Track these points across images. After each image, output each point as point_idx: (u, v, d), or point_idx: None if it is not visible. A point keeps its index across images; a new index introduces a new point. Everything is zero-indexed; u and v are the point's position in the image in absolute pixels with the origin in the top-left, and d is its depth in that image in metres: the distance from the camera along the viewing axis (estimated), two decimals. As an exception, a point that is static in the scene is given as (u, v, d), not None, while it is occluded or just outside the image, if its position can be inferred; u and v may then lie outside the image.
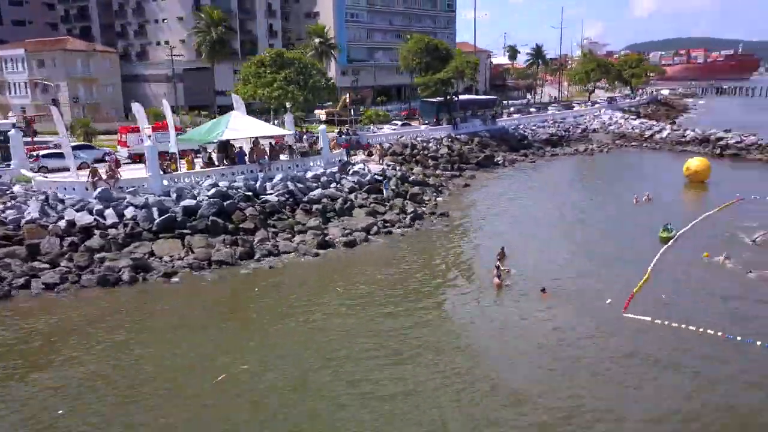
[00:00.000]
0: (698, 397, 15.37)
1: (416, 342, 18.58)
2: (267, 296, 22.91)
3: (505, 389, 15.77)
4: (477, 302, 21.96)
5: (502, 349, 18.22)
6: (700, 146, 58.22)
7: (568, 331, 19.21)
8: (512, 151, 57.03)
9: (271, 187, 32.81)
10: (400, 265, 26.20)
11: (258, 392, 15.89)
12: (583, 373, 16.54)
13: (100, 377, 16.64)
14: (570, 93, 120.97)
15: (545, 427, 14.14)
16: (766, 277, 22.87)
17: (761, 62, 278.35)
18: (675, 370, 16.70)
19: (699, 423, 14.33)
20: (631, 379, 16.18)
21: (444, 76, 57.01)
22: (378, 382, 16.17)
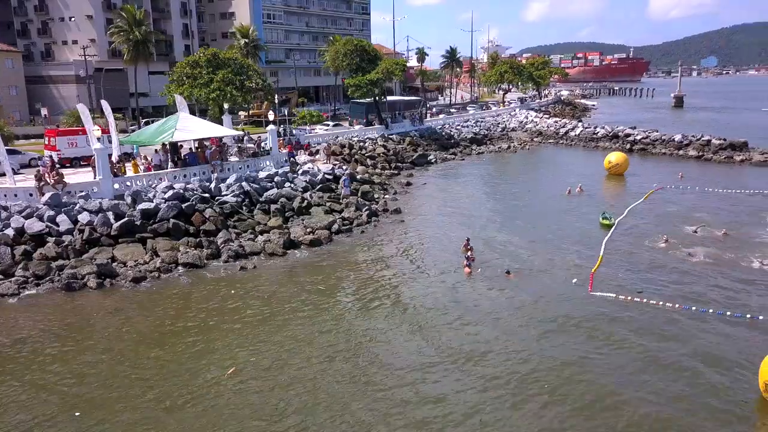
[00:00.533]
0: (670, 354, 17.22)
1: (402, 327, 19.48)
2: (246, 297, 22.81)
3: (511, 361, 16.96)
4: (455, 289, 23.04)
5: (492, 330, 19.38)
6: (610, 142, 62.90)
7: (549, 310, 20.74)
8: (442, 150, 59.09)
9: (226, 188, 32.46)
10: (369, 261, 26.82)
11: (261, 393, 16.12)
12: (579, 341, 18.03)
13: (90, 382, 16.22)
14: (480, 94, 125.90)
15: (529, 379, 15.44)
16: (705, 261, 25.50)
17: (650, 65, 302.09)
18: (646, 336, 18.53)
19: (672, 368, 16.12)
20: (613, 346, 17.85)
21: (374, 77, 58.05)
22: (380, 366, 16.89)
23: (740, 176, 45.70)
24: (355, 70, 59.95)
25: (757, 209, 34.70)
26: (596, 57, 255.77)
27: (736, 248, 26.91)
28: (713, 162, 52.37)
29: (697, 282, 23.18)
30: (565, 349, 17.92)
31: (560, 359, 17.22)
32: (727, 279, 23.31)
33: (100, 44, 74.53)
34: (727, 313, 20.03)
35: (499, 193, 41.79)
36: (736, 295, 21.71)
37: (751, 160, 50.91)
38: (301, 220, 31.83)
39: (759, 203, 36.41)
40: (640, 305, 21.03)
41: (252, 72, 47.54)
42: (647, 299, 21.34)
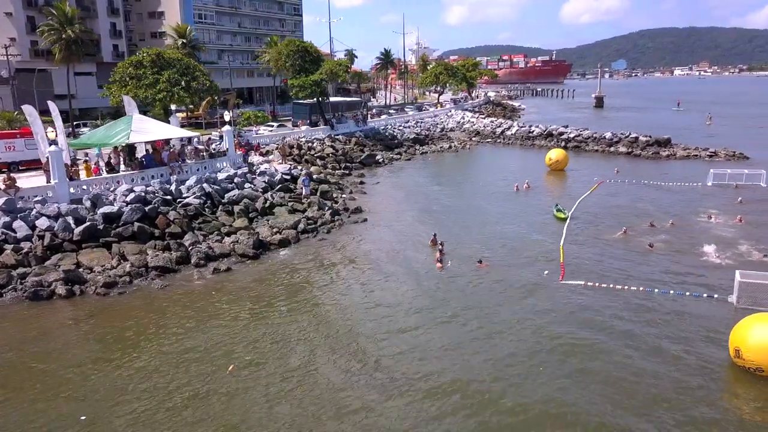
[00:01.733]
0: (641, 332, 18.63)
1: (383, 321, 20.06)
2: (226, 298, 22.63)
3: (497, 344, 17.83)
4: (430, 284, 23.76)
5: (479, 321, 20.21)
6: (545, 140, 65.80)
7: (526, 298, 21.84)
8: (388, 150, 59.92)
9: (187, 190, 31.86)
10: (341, 260, 27.02)
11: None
12: (565, 321, 19.15)
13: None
14: (415, 96, 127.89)
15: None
16: (661, 249, 27.37)
17: (572, 67, 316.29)
18: (618, 318, 19.91)
19: (645, 343, 17.50)
20: (591, 327, 19.11)
21: (318, 78, 58.20)
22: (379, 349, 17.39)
23: (668, 170, 49.01)
24: (298, 71, 59.88)
25: (691, 199, 37.63)
26: (521, 59, 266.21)
27: (684, 236, 29.10)
28: (642, 158, 55.89)
29: (656, 267, 24.95)
30: (549, 333, 18.97)
31: (547, 341, 18.28)
32: (682, 264, 25.22)
33: (21, 43, 70.54)
34: (686, 293, 21.79)
35: (451, 190, 42.95)
36: (692, 278, 23.56)
37: (675, 155, 54.76)
38: (266, 221, 31.70)
39: (691, 193, 39.40)
40: (609, 290, 22.47)
41: (198, 72, 46.55)
42: (614, 284, 22.85)
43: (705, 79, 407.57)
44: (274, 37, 78.77)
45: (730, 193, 39.00)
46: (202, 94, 46.71)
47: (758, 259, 25.34)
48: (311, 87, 58.22)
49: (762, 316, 16.32)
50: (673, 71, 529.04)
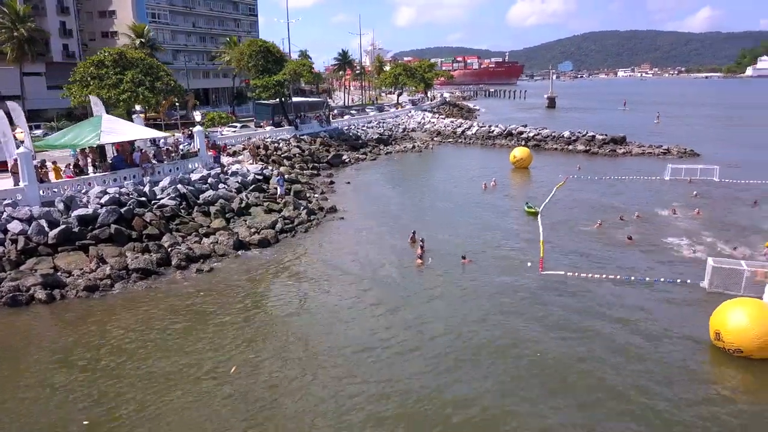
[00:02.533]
0: (624, 317, 19.53)
1: (372, 319, 20.36)
2: (213, 298, 22.49)
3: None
4: (413, 281, 24.19)
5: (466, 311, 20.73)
6: (505, 139, 67.29)
7: (510, 290, 22.48)
8: (353, 150, 60.10)
9: (161, 191, 31.34)
10: (323, 259, 27.02)
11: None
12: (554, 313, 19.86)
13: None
14: (376, 97, 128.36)
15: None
16: (633, 239, 28.57)
17: (524, 69, 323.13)
18: (600, 305, 20.77)
19: (629, 328, 18.40)
20: (574, 315, 19.92)
21: (282, 78, 57.92)
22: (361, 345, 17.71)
23: (626, 166, 50.98)
24: (261, 72, 59.42)
25: (652, 193, 39.37)
26: (475, 61, 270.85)
27: (652, 228, 30.47)
28: (600, 155, 57.85)
29: (630, 256, 26.08)
30: (535, 320, 19.66)
31: (533, 328, 18.96)
32: (654, 253, 26.44)
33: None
34: (661, 279, 22.91)
35: (422, 189, 43.50)
36: (665, 266, 24.76)
37: (631, 152, 56.95)
38: (243, 221, 31.50)
39: (651, 188, 41.15)
40: (587, 280, 23.38)
41: (162, 72, 45.67)
42: (592, 274, 23.80)
43: (647, 80, 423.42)
44: (233, 38, 78.01)
45: (686, 187, 40.90)
46: (167, 94, 45.81)
47: (722, 248, 26.75)
48: (275, 87, 57.84)
49: (739, 301, 17.36)
50: (616, 72, 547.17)
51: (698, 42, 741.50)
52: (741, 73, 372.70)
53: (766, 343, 16.21)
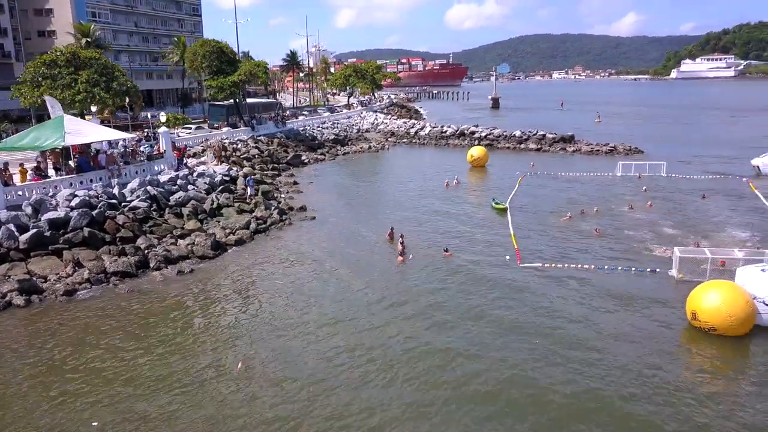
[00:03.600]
0: (596, 303, 20.72)
1: (358, 313, 20.85)
2: (205, 298, 22.39)
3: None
4: (399, 275, 24.75)
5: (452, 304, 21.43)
6: (458, 139, 68.78)
7: (495, 280, 23.36)
8: (311, 151, 60.13)
9: (131, 193, 30.68)
10: (302, 257, 27.13)
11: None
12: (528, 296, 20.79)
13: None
14: (320, 97, 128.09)
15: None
16: (600, 231, 29.99)
17: (469, 71, 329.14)
18: (579, 293, 21.91)
19: (608, 313, 19.58)
20: (556, 301, 20.97)
21: (238, 79, 57.38)
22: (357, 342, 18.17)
23: (578, 163, 53.10)
24: (215, 72, 58.69)
25: (606, 188, 41.33)
26: (419, 63, 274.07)
27: (614, 220, 32.05)
28: (551, 153, 60.02)
29: (600, 248, 27.44)
30: (525, 311, 20.59)
31: (526, 318, 19.88)
32: (620, 244, 27.89)
33: None
34: (632, 269, 24.29)
35: (387, 188, 44.08)
36: (632, 256, 26.18)
37: (581, 150, 59.36)
38: (217, 222, 31.25)
39: (604, 183, 43.14)
40: (564, 270, 24.53)
41: (118, 72, 44.42)
42: (568, 264, 25.00)
43: (580, 81, 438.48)
44: (182, 38, 76.44)
45: (636, 182, 43.12)
46: (122, 95, 44.54)
47: (682, 239, 28.44)
48: (230, 88, 57.25)
49: (714, 284, 18.75)
50: (551, 74, 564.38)
51: (626, 45, 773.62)
52: (666, 75, 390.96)
53: (737, 322, 17.61)
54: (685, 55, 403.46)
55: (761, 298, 17.73)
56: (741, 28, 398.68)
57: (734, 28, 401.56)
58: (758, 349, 17.54)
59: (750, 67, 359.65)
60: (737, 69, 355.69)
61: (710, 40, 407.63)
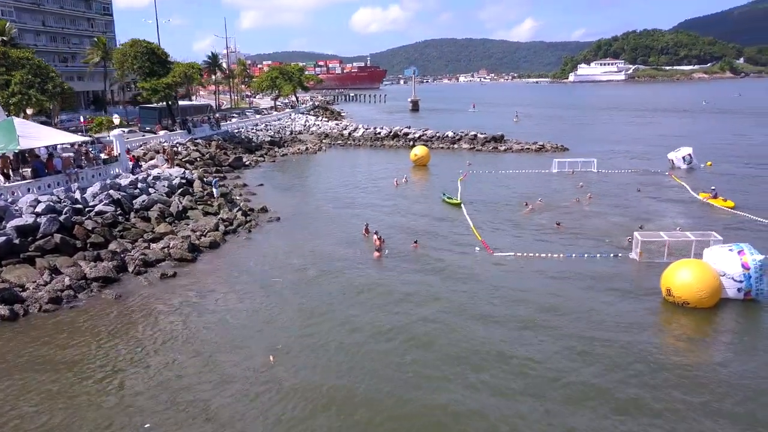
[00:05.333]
0: (577, 286, 22.64)
1: (344, 307, 21.71)
2: (197, 302, 22.23)
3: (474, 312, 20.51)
4: (382, 270, 25.64)
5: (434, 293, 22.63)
6: (393, 140, 70.34)
7: (476, 270, 24.78)
8: (249, 153, 59.61)
9: (93, 198, 29.64)
10: (279, 256, 27.34)
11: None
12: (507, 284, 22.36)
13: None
14: (236, 100, 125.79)
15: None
16: (566, 226, 31.90)
17: (387, 73, 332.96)
18: (553, 278, 23.75)
19: (583, 294, 21.52)
20: (533, 287, 22.68)
21: (172, 80, 56.00)
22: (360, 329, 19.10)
23: (512, 161, 55.95)
24: (147, 74, 56.95)
25: (545, 183, 43.99)
26: (337, 65, 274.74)
27: (564, 213, 34.33)
28: (484, 152, 62.76)
29: (561, 237, 29.54)
30: (501, 293, 22.14)
31: (509, 303, 21.43)
32: (578, 233, 30.12)
33: None
34: (597, 255, 26.48)
35: (338, 187, 44.59)
36: (593, 243, 28.46)
37: (512, 149, 62.55)
38: (185, 225, 30.80)
39: (542, 179, 45.91)
40: (535, 258, 26.36)
41: (53, 73, 42.25)
42: (537, 253, 26.88)
43: (486, 84, 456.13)
44: (102, 38, 73.27)
45: (570, 178, 46.18)
46: (57, 97, 42.38)
47: (632, 226, 30.97)
48: (165, 90, 55.76)
49: (686, 262, 21.05)
50: (458, 78, 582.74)
51: (525, 50, 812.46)
52: (565, 78, 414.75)
53: (707, 295, 19.92)
54: (581, 59, 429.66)
55: (731, 274, 20.13)
56: (628, 35, 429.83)
57: (623, 35, 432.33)
58: (725, 318, 19.91)
59: (638, 71, 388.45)
60: (627, 73, 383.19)
61: (602, 46, 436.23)
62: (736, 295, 20.27)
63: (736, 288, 20.11)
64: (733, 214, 33.17)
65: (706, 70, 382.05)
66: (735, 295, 20.28)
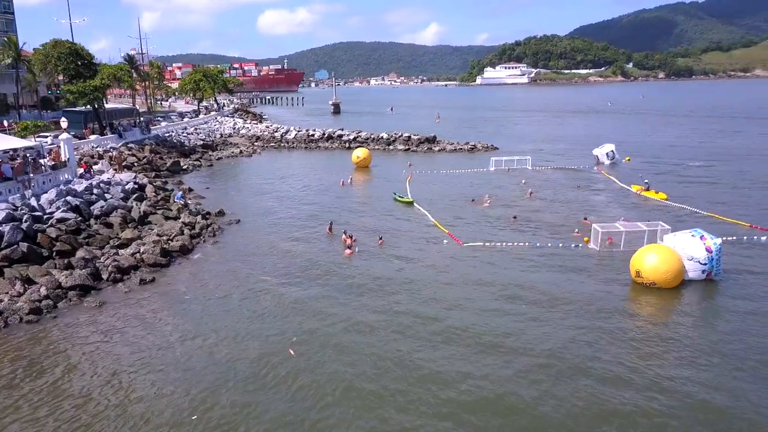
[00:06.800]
0: (541, 273, 24.46)
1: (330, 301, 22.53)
2: (183, 306, 22.03)
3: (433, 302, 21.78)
4: (353, 268, 26.30)
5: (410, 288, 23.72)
6: (327, 142, 70.76)
7: (453, 261, 26.03)
8: (184, 157, 58.13)
9: (50, 205, 28.37)
10: (251, 258, 27.37)
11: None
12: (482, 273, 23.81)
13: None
14: (151, 103, 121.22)
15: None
16: (520, 220, 33.62)
17: (311, 76, 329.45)
18: (521, 265, 25.44)
19: (551, 279, 23.34)
20: (504, 272, 24.29)
21: (101, 83, 53.72)
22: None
23: (449, 161, 57.93)
24: (72, 76, 54.29)
25: (486, 180, 46.11)
26: (253, 68, 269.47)
27: (517, 208, 36.33)
28: (419, 153, 64.47)
29: (521, 230, 31.38)
30: (484, 282, 23.58)
31: (487, 289, 22.87)
32: (536, 225, 32.14)
33: None
34: (559, 245, 28.48)
35: (285, 189, 44.57)
36: (553, 234, 30.49)
37: (445, 149, 64.71)
38: (149, 230, 30.07)
39: (482, 177, 48.02)
40: (503, 247, 27.99)
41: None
42: (504, 242, 28.55)
43: (398, 87, 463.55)
44: (11, 37, 68.77)
45: (508, 175, 48.62)
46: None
47: (576, 218, 33.42)
48: (93, 93, 53.37)
49: (653, 246, 23.22)
50: (369, 81, 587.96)
51: (432, 54, 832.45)
52: (472, 81, 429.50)
53: (671, 276, 22.09)
54: (487, 63, 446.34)
55: (697, 258, 22.45)
56: (530, 40, 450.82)
57: (525, 40, 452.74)
58: (688, 297, 22.15)
59: (540, 74, 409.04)
60: (530, 76, 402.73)
61: (506, 50, 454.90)
62: (699, 276, 22.62)
63: (701, 270, 22.46)
64: (666, 204, 36.44)
65: (600, 74, 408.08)
66: (698, 276, 22.61)
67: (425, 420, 14.20)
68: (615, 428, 13.84)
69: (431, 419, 14.24)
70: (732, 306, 21.06)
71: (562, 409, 14.59)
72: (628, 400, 14.92)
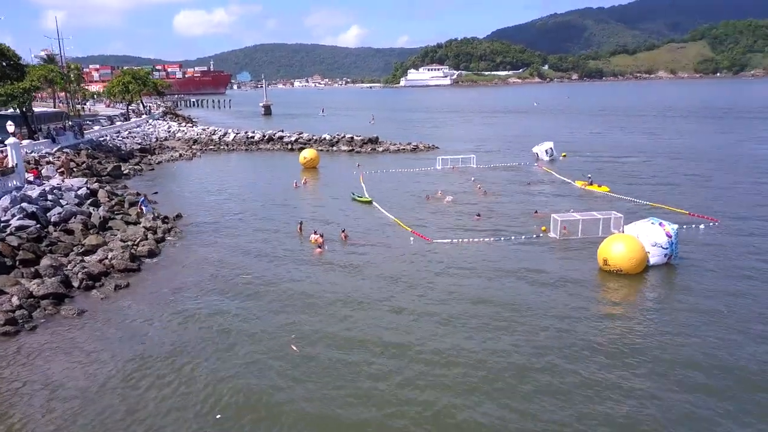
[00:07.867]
0: (509, 264, 25.72)
1: (296, 299, 22.98)
2: (164, 310, 21.61)
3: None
4: (324, 267, 26.59)
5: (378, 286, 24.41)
6: (268, 144, 70.16)
7: (419, 257, 26.81)
8: (123, 162, 56.13)
9: (3, 212, 26.97)
10: (223, 260, 26.99)
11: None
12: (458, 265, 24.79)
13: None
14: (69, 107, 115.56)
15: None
16: (483, 216, 34.60)
17: (232, 78, 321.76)
18: (490, 259, 26.47)
19: (519, 271, 24.69)
20: (477, 265, 25.40)
21: (31, 85, 51.10)
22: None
23: (393, 161, 58.76)
24: (-1, 77, 51.31)
25: (437, 179, 47.24)
26: (177, 69, 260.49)
27: (475, 204, 37.61)
28: (363, 153, 65.03)
29: (483, 226, 32.53)
30: (449, 275, 24.57)
31: (465, 281, 23.88)
32: (496, 221, 33.44)
33: None
34: (522, 237, 29.85)
35: (237, 191, 43.97)
36: (513, 226, 31.90)
37: (389, 149, 65.62)
38: (113, 235, 29.12)
39: (431, 175, 49.22)
40: (470, 243, 29.04)
41: None
42: (472, 239, 29.62)
43: (322, 90, 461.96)
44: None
45: (456, 173, 50.04)
46: None
47: (530, 212, 34.95)
48: (22, 95, 50.66)
49: (619, 236, 24.80)
50: (293, 83, 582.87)
51: (355, 56, 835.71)
52: (396, 83, 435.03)
53: (636, 262, 23.71)
54: (410, 65, 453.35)
55: (660, 243, 24.22)
56: (451, 42, 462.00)
57: (446, 43, 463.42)
58: (651, 281, 23.85)
59: (461, 76, 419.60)
60: (452, 78, 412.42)
61: (428, 52, 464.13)
62: (662, 261, 24.46)
63: (664, 254, 24.29)
64: (609, 197, 38.82)
65: (519, 75, 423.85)
66: (660, 261, 24.44)
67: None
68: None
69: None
70: (691, 285, 22.97)
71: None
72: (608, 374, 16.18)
